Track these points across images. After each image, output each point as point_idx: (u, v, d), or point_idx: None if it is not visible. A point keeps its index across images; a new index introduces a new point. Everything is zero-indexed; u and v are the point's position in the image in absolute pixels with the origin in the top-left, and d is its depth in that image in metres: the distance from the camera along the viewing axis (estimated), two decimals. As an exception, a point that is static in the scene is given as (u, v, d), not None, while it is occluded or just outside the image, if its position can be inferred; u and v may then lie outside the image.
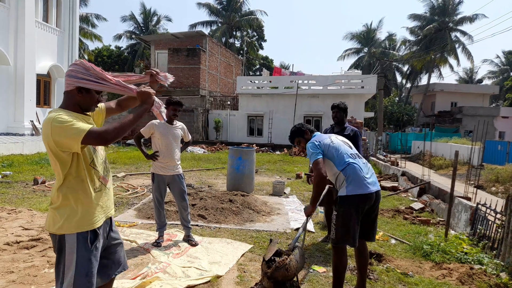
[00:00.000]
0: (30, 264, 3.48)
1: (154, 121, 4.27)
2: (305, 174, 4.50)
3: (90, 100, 1.97)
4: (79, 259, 1.89)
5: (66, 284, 1.88)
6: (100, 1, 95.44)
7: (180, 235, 4.60)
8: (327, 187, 3.34)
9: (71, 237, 1.89)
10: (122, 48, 44.08)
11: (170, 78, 2.37)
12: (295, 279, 2.98)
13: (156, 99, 2.17)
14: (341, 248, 3.01)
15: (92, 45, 45.63)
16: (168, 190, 4.41)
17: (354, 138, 4.46)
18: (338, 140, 3.20)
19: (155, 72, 2.29)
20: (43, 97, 17.22)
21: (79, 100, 1.94)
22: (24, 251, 3.80)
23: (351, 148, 3.21)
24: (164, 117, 2.35)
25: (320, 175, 2.96)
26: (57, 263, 1.93)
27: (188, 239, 4.36)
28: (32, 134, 14.94)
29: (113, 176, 9.13)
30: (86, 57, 35.82)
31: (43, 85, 17.14)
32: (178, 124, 4.42)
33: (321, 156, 3.04)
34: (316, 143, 3.12)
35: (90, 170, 1.96)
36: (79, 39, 24.17)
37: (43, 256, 3.72)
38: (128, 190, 7.47)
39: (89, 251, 1.92)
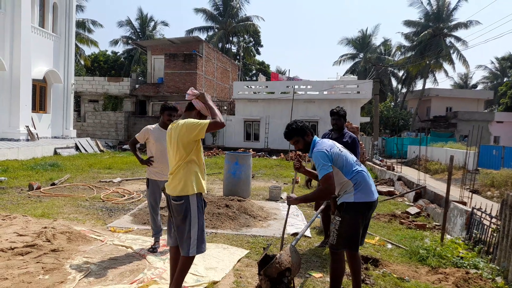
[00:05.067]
0: (25, 271, 3.45)
1: (149, 126, 4.32)
2: (306, 181, 4.44)
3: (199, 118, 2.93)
4: (201, 217, 2.82)
5: (193, 238, 2.75)
6: (97, 7, 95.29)
7: (176, 240, 4.57)
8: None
9: (194, 197, 2.78)
10: (118, 53, 43.96)
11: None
12: (291, 285, 2.98)
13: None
14: (340, 253, 3.02)
15: (89, 50, 45.71)
16: (163, 195, 4.39)
17: (352, 145, 4.40)
18: (344, 149, 3.11)
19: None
20: (38, 102, 17.16)
21: (194, 117, 2.90)
22: (19, 258, 3.77)
23: (352, 156, 3.19)
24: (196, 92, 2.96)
25: (329, 191, 2.83)
26: (182, 223, 2.77)
27: (184, 245, 4.36)
28: (28, 140, 14.83)
29: (108, 182, 9.11)
30: (82, 62, 35.78)
31: (39, 90, 17.09)
32: (174, 129, 4.43)
33: (332, 170, 2.86)
34: (328, 153, 2.90)
35: (199, 153, 2.89)
36: (76, 44, 24.09)
37: (37, 262, 3.68)
38: (124, 196, 7.44)
39: (202, 213, 2.86)
